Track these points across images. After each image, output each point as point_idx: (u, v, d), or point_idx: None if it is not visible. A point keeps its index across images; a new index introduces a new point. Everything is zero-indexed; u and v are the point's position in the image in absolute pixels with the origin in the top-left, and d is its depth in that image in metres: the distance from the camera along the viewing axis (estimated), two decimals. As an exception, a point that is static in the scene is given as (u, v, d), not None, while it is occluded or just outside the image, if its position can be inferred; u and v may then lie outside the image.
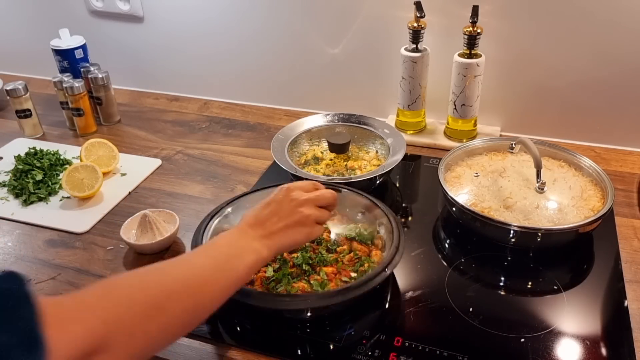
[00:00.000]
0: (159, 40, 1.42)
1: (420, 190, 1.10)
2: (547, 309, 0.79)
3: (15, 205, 1.06)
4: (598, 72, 1.11)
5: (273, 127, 1.31)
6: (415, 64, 1.14)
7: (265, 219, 0.70)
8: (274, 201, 0.72)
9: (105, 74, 1.30)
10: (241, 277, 0.65)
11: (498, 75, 1.17)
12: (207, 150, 1.23)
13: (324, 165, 1.06)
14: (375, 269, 0.75)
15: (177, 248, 0.94)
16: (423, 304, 0.80)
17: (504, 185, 0.93)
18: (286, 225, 0.70)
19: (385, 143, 1.09)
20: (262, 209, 0.72)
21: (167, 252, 0.90)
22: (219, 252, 0.66)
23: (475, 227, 0.90)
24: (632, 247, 0.90)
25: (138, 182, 1.12)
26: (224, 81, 1.43)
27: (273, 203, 0.72)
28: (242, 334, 0.77)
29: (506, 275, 0.87)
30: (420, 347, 0.73)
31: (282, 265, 0.80)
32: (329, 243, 0.85)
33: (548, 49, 1.11)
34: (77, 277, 0.88)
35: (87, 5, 1.43)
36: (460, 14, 1.10)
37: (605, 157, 1.14)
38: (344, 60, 1.28)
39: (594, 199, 0.90)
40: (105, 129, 1.34)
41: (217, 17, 1.33)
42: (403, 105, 1.20)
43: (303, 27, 1.27)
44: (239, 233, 0.69)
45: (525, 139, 0.93)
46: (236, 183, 1.11)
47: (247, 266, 0.65)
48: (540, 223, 0.86)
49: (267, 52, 1.34)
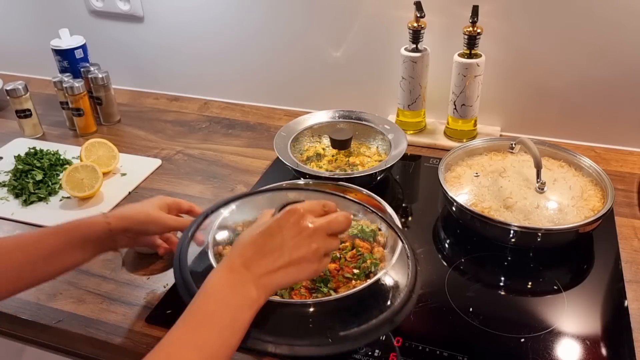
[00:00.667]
0: (159, 40, 1.42)
1: (420, 190, 1.10)
2: (547, 309, 0.79)
3: (15, 205, 1.06)
4: (598, 72, 1.11)
5: (273, 127, 1.31)
6: (415, 64, 1.14)
7: (266, 252, 0.59)
8: (278, 228, 0.60)
9: (105, 74, 1.30)
10: (235, 344, 0.57)
11: (498, 75, 1.17)
12: (207, 150, 1.23)
13: (326, 162, 1.07)
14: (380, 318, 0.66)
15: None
16: (423, 304, 0.80)
17: (504, 185, 0.93)
18: (290, 263, 0.58)
19: (386, 139, 1.09)
20: (262, 236, 0.60)
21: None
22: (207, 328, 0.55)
23: (475, 227, 0.90)
24: (632, 247, 0.90)
25: (138, 182, 1.12)
26: (224, 81, 1.43)
27: (277, 231, 0.59)
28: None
29: (506, 275, 0.87)
30: (420, 347, 0.73)
31: None
32: None
33: (548, 48, 1.11)
34: (77, 277, 0.88)
35: (87, 5, 1.43)
36: (460, 14, 1.10)
37: (605, 157, 1.14)
38: (344, 60, 1.28)
39: (594, 199, 0.90)
40: (105, 129, 1.34)
41: (217, 17, 1.33)
42: (403, 105, 1.20)
43: (303, 27, 1.27)
44: (230, 278, 0.58)
45: (525, 139, 0.93)
46: (236, 183, 1.11)
47: (242, 328, 0.57)
48: (540, 223, 0.86)
49: (267, 52, 1.34)
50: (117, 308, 0.82)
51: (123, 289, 0.86)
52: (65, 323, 0.80)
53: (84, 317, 0.81)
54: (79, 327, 0.80)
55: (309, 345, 0.62)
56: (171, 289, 0.85)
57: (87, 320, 0.80)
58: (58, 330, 0.80)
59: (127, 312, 0.81)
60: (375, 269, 0.78)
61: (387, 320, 0.65)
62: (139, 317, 0.80)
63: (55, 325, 0.80)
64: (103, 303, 0.83)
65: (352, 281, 0.77)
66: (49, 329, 0.81)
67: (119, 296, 0.84)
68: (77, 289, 0.86)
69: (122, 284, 0.87)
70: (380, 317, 0.65)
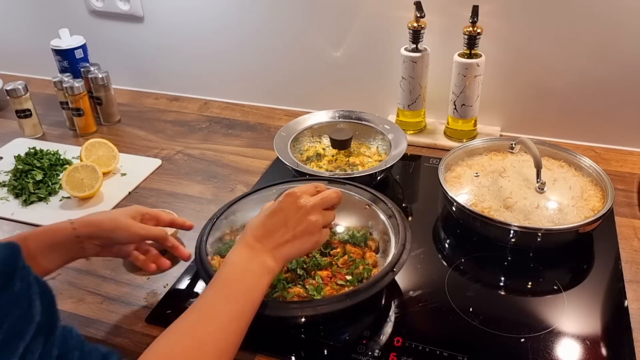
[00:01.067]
0: (159, 40, 1.42)
1: (420, 190, 1.10)
2: (547, 309, 0.79)
3: (15, 205, 1.06)
4: (598, 72, 1.11)
5: (273, 127, 1.31)
6: (415, 64, 1.14)
7: (274, 229, 0.68)
8: (281, 209, 0.70)
9: (105, 74, 1.30)
10: (259, 303, 0.66)
11: (498, 75, 1.17)
12: (207, 150, 1.23)
13: (326, 162, 1.07)
14: (383, 269, 0.74)
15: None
16: (423, 304, 0.80)
17: (504, 185, 0.93)
18: (294, 236, 0.68)
19: (386, 138, 1.09)
20: (269, 217, 0.69)
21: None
22: (236, 289, 0.65)
23: (475, 227, 0.90)
24: (632, 247, 0.90)
25: (138, 182, 1.12)
26: (224, 81, 1.43)
27: (280, 212, 0.69)
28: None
29: (506, 275, 0.87)
30: (420, 347, 0.73)
31: None
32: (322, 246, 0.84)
33: (548, 48, 1.11)
34: (77, 277, 0.88)
35: (87, 5, 1.43)
36: (460, 14, 1.10)
37: (605, 157, 1.14)
38: (344, 60, 1.28)
39: (594, 199, 0.90)
40: (105, 129, 1.34)
41: (217, 17, 1.33)
42: (403, 105, 1.20)
43: (303, 27, 1.27)
44: (249, 251, 0.67)
45: (525, 139, 0.93)
46: (236, 183, 1.11)
47: (264, 290, 0.66)
48: (540, 223, 0.86)
49: (267, 52, 1.34)
50: (117, 308, 0.82)
51: (123, 289, 0.86)
52: (65, 323, 0.80)
53: (84, 317, 0.81)
54: (79, 327, 0.79)
55: (329, 303, 0.70)
56: (171, 289, 0.85)
57: (87, 320, 0.80)
58: (58, 330, 0.80)
59: (127, 312, 0.81)
60: (369, 275, 0.78)
61: (388, 271, 0.74)
62: (139, 317, 0.80)
63: (55, 325, 0.80)
64: (103, 303, 0.83)
65: (344, 288, 0.76)
66: (49, 329, 0.80)
67: (119, 296, 0.84)
68: (77, 289, 0.86)
69: (122, 284, 0.87)
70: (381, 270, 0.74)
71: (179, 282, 0.86)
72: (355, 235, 0.85)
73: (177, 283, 0.86)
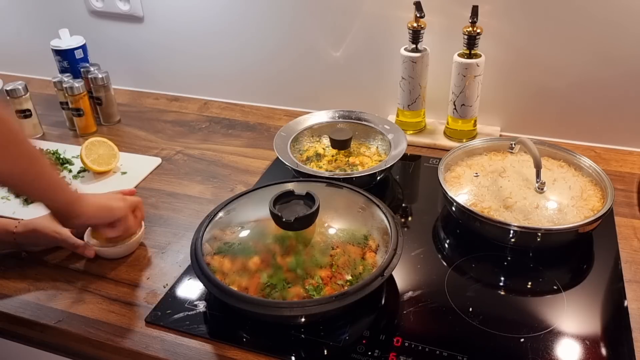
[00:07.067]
0: (159, 40, 1.42)
1: (420, 190, 1.10)
2: (547, 309, 0.79)
3: (16, 204, 1.06)
4: (598, 72, 1.11)
5: (273, 127, 1.31)
6: (415, 64, 1.14)
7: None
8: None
9: (105, 74, 1.30)
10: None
11: (498, 75, 1.17)
12: (207, 150, 1.23)
13: (326, 162, 1.07)
14: (372, 273, 0.75)
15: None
16: (423, 304, 0.80)
17: (504, 185, 0.93)
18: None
19: (386, 139, 1.09)
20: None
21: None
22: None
23: (475, 227, 0.90)
24: (632, 247, 0.91)
25: (138, 180, 1.12)
26: (224, 81, 1.43)
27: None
28: (242, 334, 0.77)
29: (506, 275, 0.87)
30: (420, 347, 0.73)
31: (276, 271, 0.79)
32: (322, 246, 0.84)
33: (548, 48, 1.11)
34: (77, 277, 0.88)
35: (87, 5, 1.43)
36: (460, 14, 1.10)
37: (605, 157, 1.14)
38: (344, 60, 1.28)
39: (593, 199, 0.90)
40: (105, 129, 1.34)
41: (217, 17, 1.33)
42: (403, 105, 1.20)
43: (303, 27, 1.27)
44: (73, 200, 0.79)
45: (525, 139, 0.94)
46: (236, 183, 1.11)
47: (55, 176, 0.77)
48: (540, 223, 0.86)
49: (267, 52, 1.34)
50: (117, 308, 0.82)
51: (123, 289, 0.86)
52: (65, 323, 0.80)
53: (84, 317, 0.81)
54: (79, 327, 0.80)
55: (318, 304, 0.71)
56: (171, 289, 0.85)
57: (87, 320, 0.80)
58: (58, 330, 0.80)
59: (127, 312, 0.81)
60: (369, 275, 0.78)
61: (378, 275, 0.75)
62: (139, 317, 0.80)
63: (55, 325, 0.80)
64: (103, 303, 0.83)
65: (344, 288, 0.76)
66: (49, 329, 0.81)
67: (119, 296, 0.84)
68: (77, 289, 0.86)
69: (122, 284, 0.87)
70: (371, 274, 0.75)
71: (178, 282, 0.86)
72: (355, 235, 0.85)
73: (177, 283, 0.86)
